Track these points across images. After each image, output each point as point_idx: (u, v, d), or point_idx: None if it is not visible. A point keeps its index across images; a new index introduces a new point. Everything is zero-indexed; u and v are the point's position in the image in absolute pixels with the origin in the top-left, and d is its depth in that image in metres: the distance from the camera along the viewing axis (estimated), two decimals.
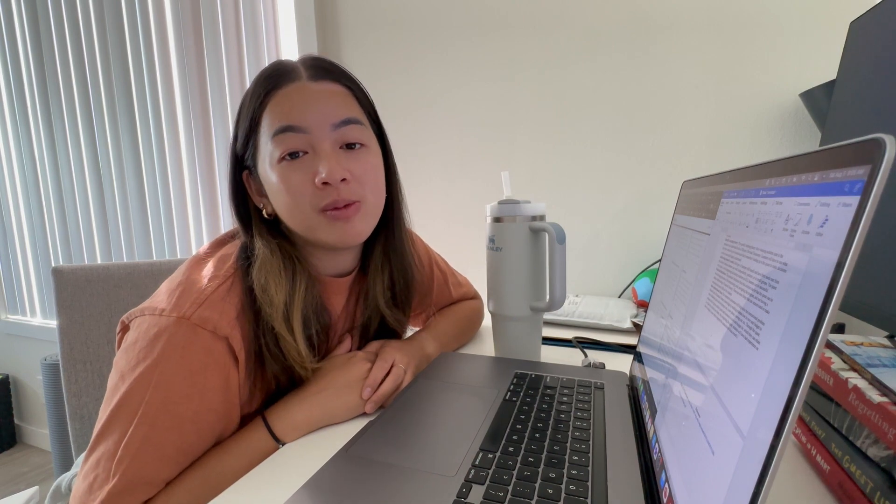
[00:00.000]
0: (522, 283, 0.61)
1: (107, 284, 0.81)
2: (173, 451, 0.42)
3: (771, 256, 0.24)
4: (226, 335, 0.45)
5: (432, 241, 0.80)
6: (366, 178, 0.51)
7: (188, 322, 0.43)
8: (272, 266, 0.49)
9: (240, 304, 0.47)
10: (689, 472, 0.27)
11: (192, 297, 0.45)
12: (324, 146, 0.48)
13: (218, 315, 0.45)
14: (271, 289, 0.48)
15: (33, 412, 2.09)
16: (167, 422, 0.42)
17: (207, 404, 0.44)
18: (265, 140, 0.49)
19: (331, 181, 0.48)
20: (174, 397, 0.42)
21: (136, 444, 0.40)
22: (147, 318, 0.44)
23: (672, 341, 0.39)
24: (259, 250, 0.50)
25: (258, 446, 0.46)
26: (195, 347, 0.43)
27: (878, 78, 0.46)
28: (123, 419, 0.41)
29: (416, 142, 1.22)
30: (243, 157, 0.52)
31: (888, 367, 0.35)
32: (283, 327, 0.48)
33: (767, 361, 0.21)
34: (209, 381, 0.44)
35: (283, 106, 0.48)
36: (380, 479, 0.36)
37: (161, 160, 1.58)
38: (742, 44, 0.89)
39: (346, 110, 0.50)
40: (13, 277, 2.01)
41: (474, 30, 1.12)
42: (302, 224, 0.50)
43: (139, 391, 0.41)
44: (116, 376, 0.43)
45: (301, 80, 0.50)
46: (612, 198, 1.04)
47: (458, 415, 0.46)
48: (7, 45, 1.82)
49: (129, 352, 0.43)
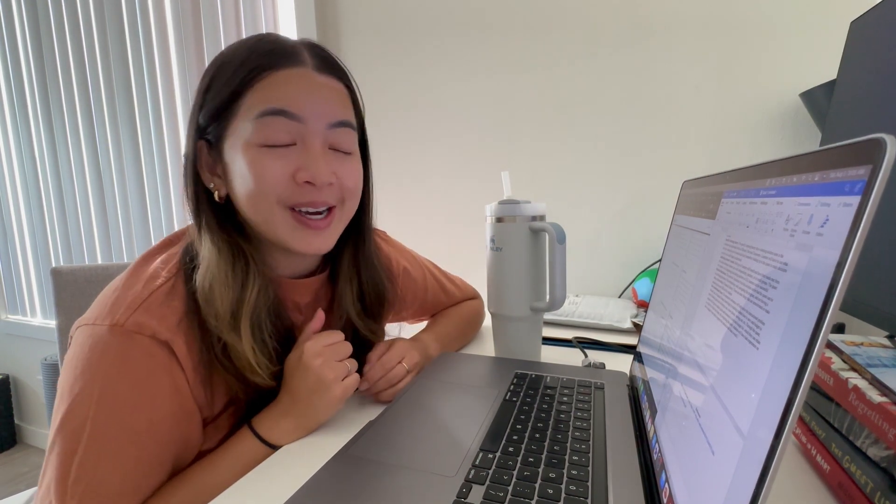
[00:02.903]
0: (522, 283, 0.61)
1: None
2: (133, 463, 0.40)
3: (771, 256, 0.24)
4: (166, 340, 0.41)
5: (432, 241, 0.80)
6: (348, 182, 0.49)
7: (122, 329, 0.40)
8: (219, 269, 0.44)
9: (182, 309, 0.43)
10: (690, 472, 0.27)
11: (127, 302, 0.41)
12: (314, 142, 0.46)
13: (156, 320, 0.41)
14: (216, 298, 0.44)
15: (33, 412, 2.09)
16: (120, 436, 0.39)
17: (160, 411, 0.41)
18: (243, 118, 0.44)
19: (316, 182, 0.45)
20: (122, 410, 0.39)
21: (90, 460, 0.38)
22: (81, 331, 0.41)
23: (672, 341, 0.39)
24: (205, 249, 0.45)
25: (250, 455, 0.44)
26: (134, 354, 0.40)
27: (878, 78, 0.46)
28: (69, 439, 0.38)
29: (416, 141, 1.22)
30: (206, 128, 0.46)
31: (888, 367, 0.35)
32: (231, 337, 0.44)
33: (767, 361, 0.21)
34: (155, 387, 0.41)
35: (280, 88, 0.44)
36: (380, 479, 0.36)
37: (161, 160, 1.58)
38: (742, 44, 0.89)
39: (344, 112, 0.49)
40: (13, 277, 2.01)
41: (474, 29, 1.12)
42: (261, 216, 0.46)
43: (82, 408, 0.39)
44: (58, 397, 0.40)
45: (306, 67, 0.46)
46: (612, 198, 1.04)
47: (458, 415, 0.46)
48: (7, 45, 1.82)
49: (67, 368, 0.41)
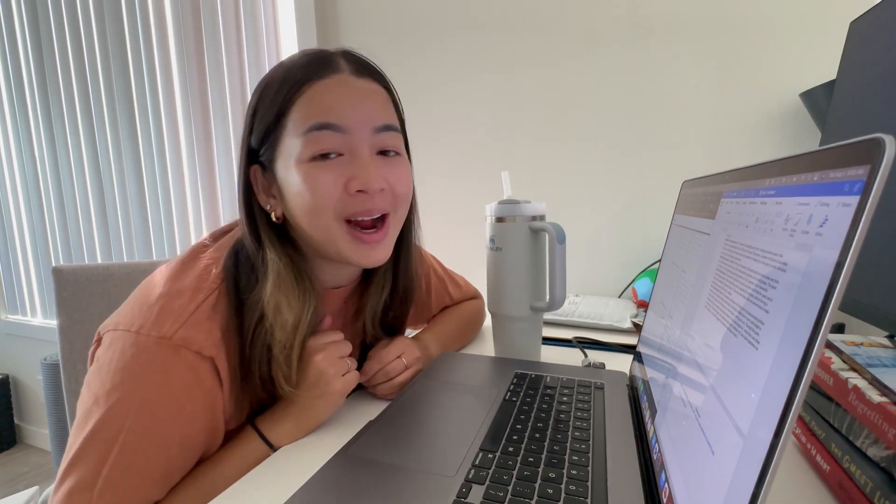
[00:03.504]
0: (522, 283, 0.61)
1: (107, 284, 0.81)
2: (160, 474, 0.40)
3: (771, 256, 0.24)
4: (211, 356, 0.42)
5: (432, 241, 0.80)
6: (400, 188, 0.48)
7: (170, 343, 0.40)
8: (287, 283, 0.45)
9: (225, 322, 0.43)
10: (689, 472, 0.27)
11: (175, 314, 0.41)
12: (362, 150, 0.45)
13: (203, 336, 0.41)
14: (284, 310, 0.44)
15: (33, 412, 2.09)
16: (153, 448, 0.39)
17: (194, 426, 0.42)
18: (292, 135, 0.44)
19: (368, 190, 0.44)
20: (158, 422, 0.39)
21: (119, 472, 0.38)
22: (122, 335, 0.40)
23: (672, 341, 0.39)
24: (272, 264, 0.45)
25: (254, 455, 0.44)
26: (178, 369, 0.40)
27: (878, 78, 0.46)
28: (100, 447, 0.38)
29: (415, 141, 1.20)
30: (258, 150, 0.47)
31: (888, 367, 0.35)
32: (282, 353, 0.44)
33: (767, 361, 0.21)
34: (194, 403, 0.41)
35: (322, 100, 0.44)
36: (380, 479, 0.36)
37: (161, 160, 1.58)
38: (742, 44, 0.89)
39: (387, 114, 0.48)
40: (13, 277, 2.01)
41: (475, 29, 1.12)
42: (322, 232, 0.46)
43: (118, 418, 0.38)
44: (90, 399, 0.39)
45: (344, 73, 0.45)
46: (612, 198, 1.04)
47: (458, 415, 0.46)
48: (7, 45, 1.82)
49: (103, 372, 0.40)
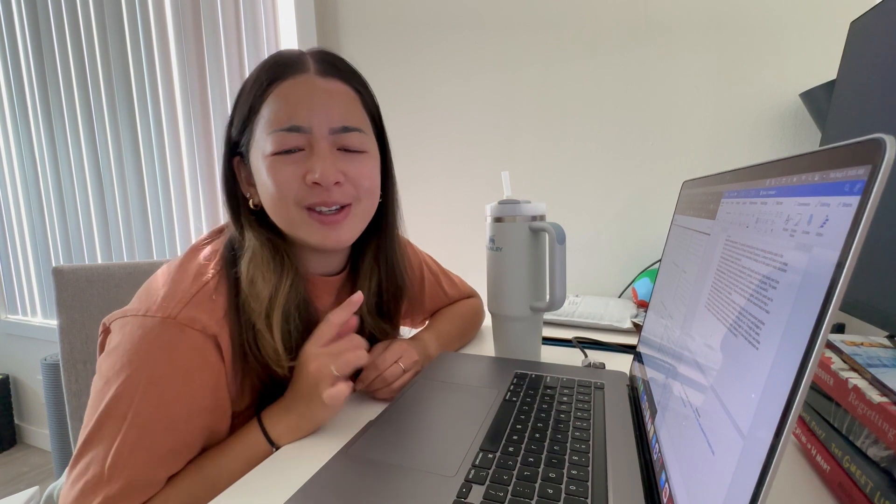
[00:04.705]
0: (522, 283, 0.61)
1: (107, 284, 0.81)
2: (165, 451, 0.42)
3: (771, 256, 0.24)
4: (214, 334, 0.44)
5: (432, 241, 0.80)
6: (360, 181, 0.50)
7: (175, 322, 0.42)
8: (261, 258, 0.48)
9: (226, 303, 0.46)
10: (689, 472, 0.27)
11: (178, 296, 0.44)
12: (321, 145, 0.47)
13: (206, 315, 0.44)
14: (258, 282, 0.47)
15: (33, 412, 2.09)
16: (160, 424, 0.41)
17: (199, 403, 0.44)
18: (261, 132, 0.47)
19: (323, 183, 0.47)
20: (165, 399, 0.41)
21: (128, 447, 0.40)
22: (130, 320, 0.43)
23: (672, 341, 0.39)
24: (249, 241, 0.49)
25: (256, 449, 0.45)
26: (184, 347, 0.42)
27: (878, 78, 0.46)
28: (113, 424, 0.40)
29: (416, 141, 1.22)
30: (238, 142, 0.51)
31: (888, 367, 0.35)
32: (263, 324, 0.47)
33: (767, 361, 0.21)
34: (200, 380, 0.44)
35: (286, 101, 0.47)
36: (380, 479, 0.36)
37: (161, 159, 1.58)
38: (742, 44, 0.89)
39: (349, 116, 0.49)
40: (13, 277, 2.01)
41: (475, 29, 1.12)
42: (284, 218, 0.49)
43: (127, 395, 0.40)
44: (101, 381, 0.42)
45: (308, 73, 0.48)
46: (612, 198, 1.04)
47: (458, 415, 0.46)
48: (7, 45, 1.82)
49: (113, 355, 0.42)
